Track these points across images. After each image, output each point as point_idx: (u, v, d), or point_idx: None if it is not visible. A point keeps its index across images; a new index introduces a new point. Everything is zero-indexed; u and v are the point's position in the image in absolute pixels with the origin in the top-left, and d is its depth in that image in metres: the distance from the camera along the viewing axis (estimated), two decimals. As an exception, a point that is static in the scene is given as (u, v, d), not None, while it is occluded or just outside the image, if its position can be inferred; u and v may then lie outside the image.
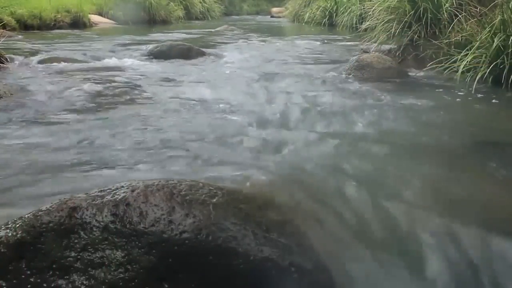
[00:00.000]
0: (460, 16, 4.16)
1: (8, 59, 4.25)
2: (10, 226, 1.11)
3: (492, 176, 1.82)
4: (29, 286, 1.03)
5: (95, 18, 10.61)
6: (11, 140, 2.12)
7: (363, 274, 1.28)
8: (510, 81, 3.25)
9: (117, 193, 1.17)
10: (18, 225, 1.10)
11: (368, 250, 1.33)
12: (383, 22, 4.70)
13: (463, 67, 3.52)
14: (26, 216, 1.12)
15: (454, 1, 4.30)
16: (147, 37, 7.66)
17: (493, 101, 3.12)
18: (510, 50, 3.30)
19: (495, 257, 1.31)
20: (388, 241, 1.36)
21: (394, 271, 1.30)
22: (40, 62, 4.47)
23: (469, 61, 3.52)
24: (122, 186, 1.21)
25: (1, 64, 4.01)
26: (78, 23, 9.65)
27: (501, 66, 3.34)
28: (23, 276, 1.04)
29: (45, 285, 1.03)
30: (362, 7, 7.25)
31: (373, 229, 1.40)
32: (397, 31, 4.52)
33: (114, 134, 2.21)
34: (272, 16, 18.40)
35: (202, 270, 1.09)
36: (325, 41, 7.44)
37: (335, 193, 1.58)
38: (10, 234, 1.08)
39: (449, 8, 4.31)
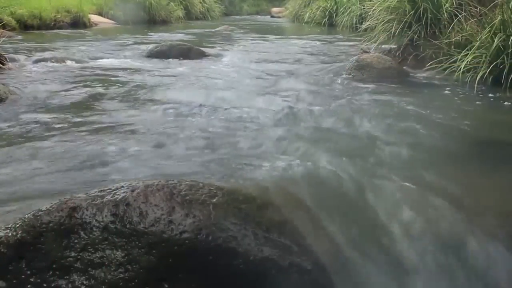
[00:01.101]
0: (460, 16, 4.16)
1: (8, 59, 4.24)
2: (10, 226, 1.11)
3: (491, 173, 1.83)
4: (29, 286, 1.03)
5: (95, 18, 10.59)
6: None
7: (362, 274, 1.28)
8: (510, 81, 3.25)
9: (117, 193, 1.17)
10: (18, 225, 1.10)
11: (368, 250, 1.33)
12: (383, 22, 4.69)
13: (463, 67, 3.52)
14: (26, 216, 1.12)
15: (454, 1, 4.30)
16: (147, 37, 7.65)
17: (493, 101, 3.12)
18: (510, 50, 3.30)
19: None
20: (388, 241, 1.36)
21: (394, 271, 1.30)
22: (40, 62, 4.47)
23: (469, 61, 3.52)
24: (122, 186, 1.21)
25: (1, 65, 4.01)
26: (78, 23, 9.63)
27: (501, 66, 3.34)
28: (23, 276, 1.04)
29: (45, 285, 1.03)
30: (362, 7, 7.25)
31: (373, 228, 1.40)
32: (397, 31, 4.51)
33: (116, 135, 2.21)
34: (272, 16, 18.38)
35: (202, 270, 1.09)
36: (325, 41, 7.44)
37: (335, 192, 1.58)
38: (10, 234, 1.08)
39: (449, 8, 4.31)
